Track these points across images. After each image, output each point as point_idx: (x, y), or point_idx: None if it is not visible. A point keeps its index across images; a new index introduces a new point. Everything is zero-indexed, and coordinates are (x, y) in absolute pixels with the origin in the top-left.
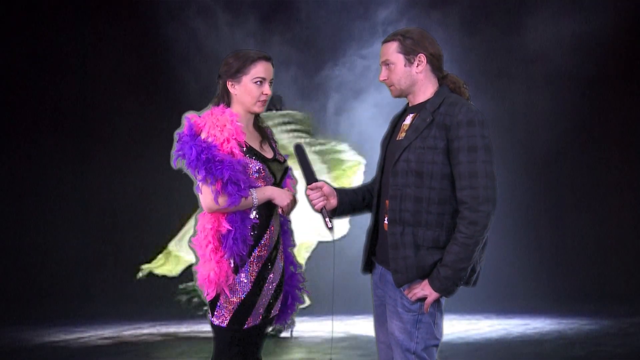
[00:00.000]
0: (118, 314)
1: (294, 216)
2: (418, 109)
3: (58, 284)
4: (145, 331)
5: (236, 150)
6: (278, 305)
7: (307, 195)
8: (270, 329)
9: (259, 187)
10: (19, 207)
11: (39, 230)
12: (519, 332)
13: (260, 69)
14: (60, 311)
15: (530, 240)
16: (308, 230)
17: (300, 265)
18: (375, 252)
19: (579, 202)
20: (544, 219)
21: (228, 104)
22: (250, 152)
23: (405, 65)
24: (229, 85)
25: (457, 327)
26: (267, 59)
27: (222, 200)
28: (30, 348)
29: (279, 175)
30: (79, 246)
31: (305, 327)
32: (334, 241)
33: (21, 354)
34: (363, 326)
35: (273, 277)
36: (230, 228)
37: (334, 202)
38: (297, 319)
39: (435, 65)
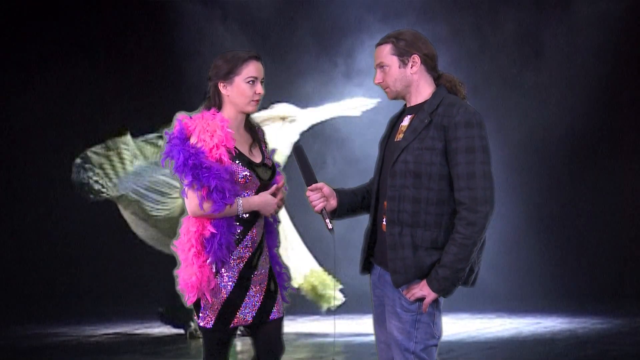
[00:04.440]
0: (129, 312)
1: None
2: (416, 110)
3: (70, 282)
4: (156, 330)
5: (225, 157)
6: (276, 308)
7: (307, 197)
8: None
9: (245, 196)
10: (30, 205)
11: (52, 229)
12: (531, 331)
13: (252, 69)
14: (73, 309)
15: (541, 239)
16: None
17: (285, 266)
18: (373, 253)
19: (591, 200)
20: (556, 217)
21: (219, 107)
22: (239, 158)
23: (399, 67)
24: (220, 86)
25: (468, 326)
26: (257, 58)
27: (207, 207)
28: (43, 346)
29: (267, 179)
30: (90, 245)
31: (308, 328)
32: (334, 242)
33: (34, 352)
34: (364, 327)
35: (259, 278)
36: (215, 232)
37: (333, 203)
38: (297, 318)
39: (430, 65)
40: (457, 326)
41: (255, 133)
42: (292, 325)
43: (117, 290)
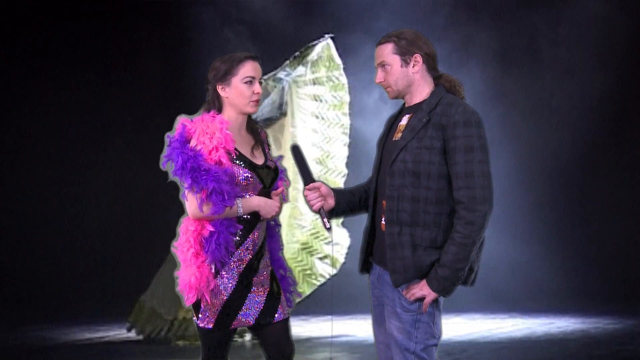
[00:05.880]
0: None
1: None
2: (414, 109)
3: (82, 283)
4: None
5: (224, 159)
6: (280, 309)
7: (305, 196)
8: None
9: (246, 197)
10: (40, 206)
11: (65, 230)
12: (543, 332)
13: (248, 69)
14: (85, 310)
15: (554, 239)
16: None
17: (290, 269)
18: (372, 253)
19: (605, 200)
20: (569, 218)
21: (219, 109)
22: (240, 159)
23: (401, 66)
24: (219, 89)
25: (481, 326)
26: (254, 58)
27: (207, 209)
28: (55, 347)
29: (269, 181)
30: (101, 246)
31: (304, 328)
32: (332, 241)
33: (46, 353)
34: (363, 327)
35: (261, 280)
36: (214, 230)
37: (331, 202)
38: (296, 319)
39: (431, 64)
40: (469, 326)
41: (257, 135)
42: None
43: (129, 291)
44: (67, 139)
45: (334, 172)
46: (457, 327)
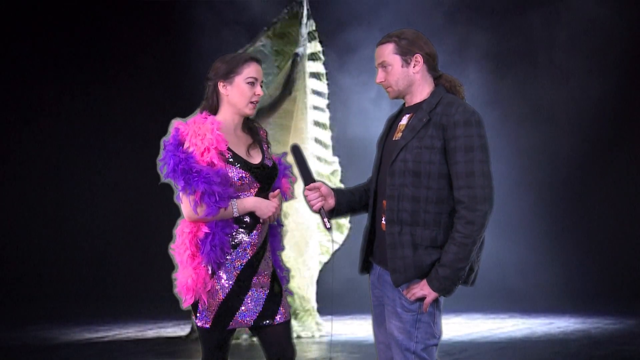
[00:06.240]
0: (141, 313)
1: None
2: (414, 109)
3: (82, 283)
4: (169, 330)
5: (216, 160)
6: (282, 311)
7: (305, 196)
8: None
9: (241, 197)
10: (41, 207)
11: (64, 231)
12: (543, 332)
13: (252, 69)
14: (85, 310)
15: (554, 239)
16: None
17: (287, 269)
18: (372, 253)
19: (605, 200)
20: (569, 218)
21: (216, 109)
22: (234, 159)
23: (402, 66)
24: (220, 86)
25: (481, 327)
26: (257, 60)
27: (201, 210)
28: (55, 347)
29: (266, 181)
30: (101, 246)
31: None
32: (332, 241)
33: (46, 353)
34: (363, 327)
35: (261, 281)
36: (209, 231)
37: (331, 202)
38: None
39: (431, 65)
40: (470, 326)
41: (256, 134)
42: None
43: (129, 291)
44: (67, 140)
45: (326, 130)
46: (457, 327)
